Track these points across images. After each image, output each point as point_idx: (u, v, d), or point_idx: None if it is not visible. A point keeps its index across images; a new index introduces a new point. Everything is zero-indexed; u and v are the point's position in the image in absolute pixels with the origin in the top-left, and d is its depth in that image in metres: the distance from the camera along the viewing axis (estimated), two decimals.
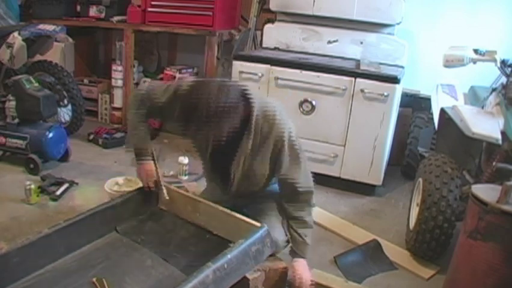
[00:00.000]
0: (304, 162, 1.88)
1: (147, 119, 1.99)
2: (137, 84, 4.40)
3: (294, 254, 1.93)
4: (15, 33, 3.17)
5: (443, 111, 2.55)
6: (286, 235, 1.94)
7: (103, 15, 4.18)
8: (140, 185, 2.07)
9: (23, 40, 3.17)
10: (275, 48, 3.59)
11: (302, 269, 1.89)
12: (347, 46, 3.43)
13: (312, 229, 1.96)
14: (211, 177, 2.12)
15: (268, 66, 3.11)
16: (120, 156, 3.51)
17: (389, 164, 3.26)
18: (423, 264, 2.32)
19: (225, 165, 1.89)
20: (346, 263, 2.28)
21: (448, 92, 2.90)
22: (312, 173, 1.93)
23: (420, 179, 2.37)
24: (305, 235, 1.91)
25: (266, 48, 3.62)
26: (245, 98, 1.68)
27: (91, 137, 3.77)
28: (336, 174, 3.09)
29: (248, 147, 1.78)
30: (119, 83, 4.20)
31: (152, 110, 1.94)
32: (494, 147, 2.10)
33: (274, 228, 1.88)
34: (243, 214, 1.85)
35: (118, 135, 3.82)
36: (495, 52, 2.44)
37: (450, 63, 2.50)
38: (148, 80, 4.37)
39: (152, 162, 2.03)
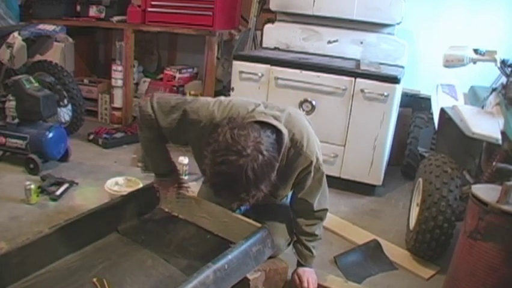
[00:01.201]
0: (325, 184, 1.84)
1: (161, 142, 1.84)
2: (137, 84, 4.41)
3: (300, 265, 1.94)
4: (15, 33, 3.16)
5: (443, 111, 2.55)
6: (287, 238, 1.94)
7: (103, 15, 4.18)
8: (141, 185, 2.07)
9: (23, 40, 3.17)
10: (275, 48, 3.59)
11: (308, 273, 1.91)
12: (347, 46, 3.43)
13: (321, 240, 1.96)
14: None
15: (268, 66, 3.10)
16: (120, 156, 3.51)
17: (389, 164, 3.26)
18: (423, 264, 2.32)
19: None
20: (346, 263, 2.28)
21: (448, 92, 2.90)
22: None
23: (420, 179, 2.37)
24: (313, 247, 1.92)
25: (266, 48, 3.62)
26: (275, 130, 1.51)
27: (91, 137, 3.77)
28: (336, 174, 3.09)
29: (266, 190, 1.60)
30: (119, 83, 4.20)
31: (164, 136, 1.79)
32: (494, 147, 2.10)
33: (276, 230, 1.88)
34: (245, 215, 1.85)
35: (118, 135, 3.82)
36: (495, 52, 2.44)
37: (450, 63, 2.51)
38: (148, 79, 4.38)
39: (171, 180, 1.96)
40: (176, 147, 1.99)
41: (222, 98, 1.77)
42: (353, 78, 2.93)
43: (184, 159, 3.08)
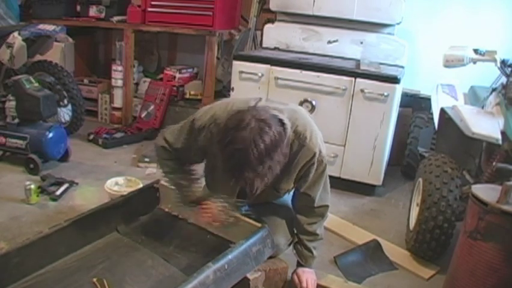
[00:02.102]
0: (326, 178, 1.85)
1: (180, 165, 1.84)
2: (137, 84, 4.41)
3: (300, 265, 1.94)
4: (15, 33, 3.16)
5: (443, 111, 2.55)
6: (288, 238, 1.94)
7: (103, 15, 4.18)
8: (141, 185, 2.07)
9: (23, 40, 3.17)
10: (275, 48, 3.59)
11: (308, 274, 1.91)
12: (347, 46, 3.43)
13: (322, 240, 1.96)
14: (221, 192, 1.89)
15: (268, 66, 3.10)
16: (120, 156, 3.51)
17: (389, 164, 3.26)
18: (423, 264, 2.32)
19: None
20: (346, 263, 2.28)
21: (448, 92, 2.90)
22: None
23: (420, 179, 2.37)
24: (314, 248, 1.91)
25: (266, 48, 3.62)
26: (280, 121, 1.50)
27: (91, 137, 3.77)
28: (336, 174, 3.09)
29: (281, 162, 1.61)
30: (119, 83, 4.20)
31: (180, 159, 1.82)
32: (494, 147, 2.10)
33: (277, 229, 1.88)
34: (246, 214, 1.85)
35: (118, 135, 3.82)
36: (495, 52, 2.44)
37: (450, 63, 2.50)
38: (148, 79, 4.38)
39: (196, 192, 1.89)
40: None
41: (224, 99, 1.80)
42: (353, 78, 2.93)
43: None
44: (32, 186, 2.61)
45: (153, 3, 3.89)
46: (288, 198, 1.99)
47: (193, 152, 1.77)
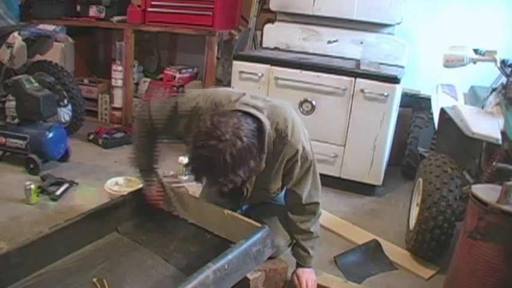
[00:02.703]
0: (315, 175, 1.84)
1: (155, 142, 1.92)
2: (137, 84, 4.41)
3: (299, 266, 1.94)
4: (15, 33, 3.16)
5: (443, 111, 2.54)
6: (288, 239, 1.94)
7: (103, 15, 4.18)
8: (141, 185, 2.07)
9: (23, 40, 3.17)
10: (275, 48, 3.59)
11: (307, 274, 1.91)
12: (347, 46, 3.43)
13: (318, 238, 1.96)
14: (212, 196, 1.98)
15: (268, 66, 3.10)
16: (120, 156, 3.51)
17: (389, 164, 3.26)
18: (423, 264, 2.32)
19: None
20: (346, 263, 2.28)
21: (448, 92, 2.90)
22: None
23: (420, 179, 2.37)
24: (311, 247, 1.91)
25: (266, 48, 3.62)
26: (256, 119, 1.53)
27: (91, 137, 3.77)
28: (336, 174, 3.09)
29: (262, 165, 1.65)
30: (119, 83, 4.20)
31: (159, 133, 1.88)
32: (494, 147, 2.10)
33: (277, 230, 1.88)
34: (246, 215, 1.85)
35: (118, 135, 3.82)
36: (495, 52, 2.44)
37: (450, 63, 2.50)
38: (148, 79, 4.38)
39: (158, 182, 1.97)
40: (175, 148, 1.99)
41: (208, 89, 1.84)
42: (353, 78, 2.93)
43: (184, 160, 3.08)
44: (32, 186, 2.61)
45: (153, 3, 3.89)
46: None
47: (168, 129, 1.81)
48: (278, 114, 1.69)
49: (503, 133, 2.02)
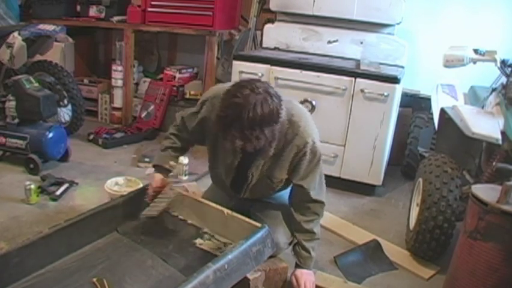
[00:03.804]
0: (321, 173, 1.86)
1: (180, 141, 1.98)
2: (137, 84, 4.41)
3: (299, 266, 1.93)
4: (15, 33, 3.16)
5: (443, 111, 2.55)
6: (289, 237, 1.94)
7: (103, 15, 4.18)
8: (141, 185, 2.07)
9: (23, 40, 3.17)
10: (275, 48, 3.59)
11: (306, 275, 1.90)
12: (347, 46, 3.43)
13: (319, 240, 1.96)
14: (221, 180, 2.00)
15: (268, 66, 3.11)
16: (120, 156, 3.51)
17: (389, 164, 3.26)
18: (423, 264, 2.32)
19: (242, 168, 1.83)
20: (346, 263, 2.28)
21: (448, 92, 2.90)
22: None
23: (420, 179, 2.37)
24: (312, 248, 1.91)
25: (266, 48, 3.62)
26: (280, 100, 1.58)
27: (91, 137, 3.77)
28: (336, 174, 3.09)
29: (270, 152, 1.68)
30: (119, 83, 4.20)
31: (187, 135, 1.95)
32: (494, 147, 2.10)
33: (277, 229, 1.88)
34: (246, 214, 1.85)
35: (118, 135, 3.82)
36: (495, 52, 2.44)
37: (450, 63, 2.51)
38: (148, 79, 4.38)
39: (165, 175, 1.99)
40: None
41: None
42: (353, 78, 2.93)
43: (184, 159, 3.08)
44: (32, 186, 2.61)
45: (153, 3, 3.89)
46: (287, 196, 1.99)
47: (194, 122, 1.86)
48: (293, 108, 1.74)
49: (503, 133, 2.02)
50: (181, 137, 1.97)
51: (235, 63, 3.21)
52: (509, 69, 2.38)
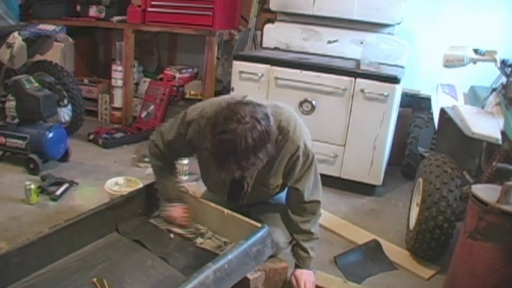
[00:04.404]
0: (316, 173, 1.85)
1: (169, 162, 1.97)
2: (137, 84, 4.41)
3: (298, 267, 1.93)
4: (15, 33, 3.16)
5: (443, 111, 2.55)
6: (288, 236, 1.93)
7: (103, 15, 4.18)
8: (141, 185, 2.07)
9: (23, 40, 3.17)
10: (275, 48, 3.59)
11: (306, 275, 1.90)
12: (347, 46, 3.43)
13: (318, 240, 1.96)
14: (216, 190, 2.01)
15: (268, 66, 3.11)
16: (120, 156, 3.51)
17: (389, 164, 3.26)
18: (423, 264, 2.32)
19: (237, 180, 1.81)
20: (346, 263, 2.28)
21: (448, 92, 2.90)
22: None
23: (420, 179, 2.37)
24: (311, 248, 1.91)
25: (266, 48, 3.62)
26: (267, 118, 1.55)
27: (91, 137, 3.77)
28: (336, 174, 3.09)
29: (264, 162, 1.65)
30: (119, 83, 4.20)
31: (177, 156, 1.96)
32: (494, 147, 2.10)
33: (276, 229, 1.88)
34: (246, 214, 1.85)
35: (118, 135, 3.83)
36: (495, 52, 2.44)
37: (450, 63, 2.51)
38: (148, 79, 4.38)
39: (181, 205, 1.97)
40: None
41: (213, 98, 1.91)
42: (353, 78, 2.93)
43: (184, 159, 3.08)
44: (32, 186, 2.61)
45: (153, 3, 3.89)
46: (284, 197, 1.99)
47: (183, 144, 1.83)
48: (281, 113, 1.73)
49: (503, 133, 2.02)
50: (169, 163, 1.96)
51: (235, 63, 3.21)
52: (509, 69, 2.38)
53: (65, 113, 3.69)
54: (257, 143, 1.46)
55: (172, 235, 1.91)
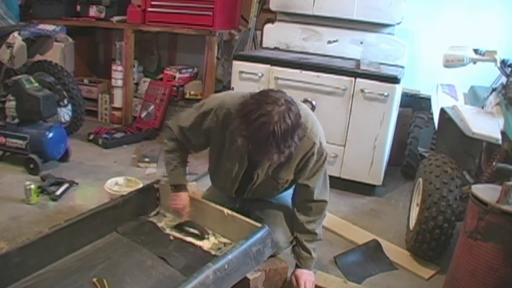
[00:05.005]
0: (326, 173, 1.87)
1: (183, 150, 1.94)
2: (137, 84, 4.41)
3: (299, 267, 1.93)
4: (15, 33, 3.17)
5: (443, 111, 2.55)
6: (289, 236, 1.93)
7: (103, 15, 4.18)
8: (141, 185, 2.07)
9: (23, 40, 3.17)
10: (275, 48, 3.59)
11: (306, 276, 1.90)
12: (347, 46, 3.43)
13: (321, 241, 1.96)
14: (224, 186, 1.98)
15: (268, 66, 3.11)
16: (120, 156, 3.51)
17: (389, 164, 3.26)
18: (423, 264, 2.32)
19: (248, 170, 1.82)
20: (346, 263, 2.28)
21: (448, 92, 2.90)
22: None
23: (420, 179, 2.37)
24: (313, 249, 1.91)
25: (266, 48, 3.62)
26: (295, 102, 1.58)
27: (91, 137, 3.77)
28: (336, 174, 3.09)
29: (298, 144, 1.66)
30: (119, 83, 4.21)
31: (190, 147, 1.92)
32: (494, 147, 2.10)
33: (277, 228, 1.88)
34: (247, 214, 1.85)
35: (118, 135, 3.82)
36: (495, 52, 2.44)
37: (450, 63, 2.51)
38: (148, 79, 4.39)
39: (186, 193, 1.96)
40: None
41: (230, 91, 1.97)
42: (353, 78, 2.93)
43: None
44: (32, 186, 2.61)
45: (153, 3, 3.89)
46: (288, 197, 1.99)
47: (197, 133, 1.84)
48: (300, 109, 1.70)
49: (503, 133, 2.02)
50: (183, 149, 1.93)
51: (235, 63, 3.21)
52: (509, 69, 2.38)
53: (65, 113, 3.69)
54: (294, 124, 1.49)
55: (171, 237, 1.91)
